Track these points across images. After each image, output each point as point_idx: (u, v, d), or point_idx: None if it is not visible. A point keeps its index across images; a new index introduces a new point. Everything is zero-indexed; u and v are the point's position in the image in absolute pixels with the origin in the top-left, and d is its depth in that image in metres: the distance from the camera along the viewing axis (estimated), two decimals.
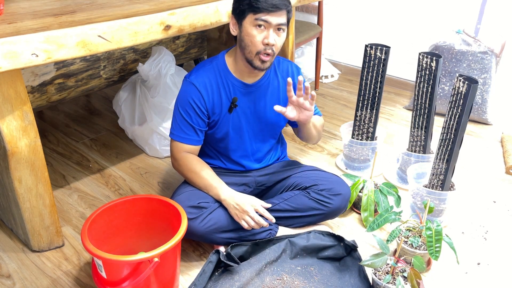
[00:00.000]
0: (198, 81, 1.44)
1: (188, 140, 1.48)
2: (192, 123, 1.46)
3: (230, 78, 1.46)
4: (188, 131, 1.47)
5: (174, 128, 1.49)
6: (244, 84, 1.47)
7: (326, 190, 1.56)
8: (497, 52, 2.39)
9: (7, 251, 1.54)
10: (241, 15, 1.34)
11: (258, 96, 1.51)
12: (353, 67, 3.17)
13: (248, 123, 1.54)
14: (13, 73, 1.24)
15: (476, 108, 2.46)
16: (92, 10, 1.42)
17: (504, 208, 1.81)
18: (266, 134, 1.60)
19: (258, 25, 1.32)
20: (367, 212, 1.64)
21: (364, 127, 1.96)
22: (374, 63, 1.85)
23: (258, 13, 1.31)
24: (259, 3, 1.30)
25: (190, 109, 1.44)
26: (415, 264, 1.29)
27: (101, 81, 2.23)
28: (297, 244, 1.48)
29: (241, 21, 1.35)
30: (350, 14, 3.05)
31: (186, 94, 1.44)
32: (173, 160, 1.52)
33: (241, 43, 1.38)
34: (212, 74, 1.45)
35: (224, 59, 1.47)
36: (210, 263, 1.36)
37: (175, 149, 1.50)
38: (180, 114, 1.46)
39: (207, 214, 1.42)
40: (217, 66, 1.46)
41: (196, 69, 1.47)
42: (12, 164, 1.34)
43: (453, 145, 1.55)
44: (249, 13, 1.32)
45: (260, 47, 1.34)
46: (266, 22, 1.32)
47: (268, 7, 1.30)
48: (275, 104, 1.53)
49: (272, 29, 1.33)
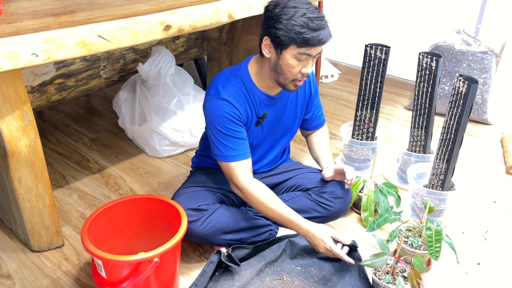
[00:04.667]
0: (229, 96, 1.36)
1: (241, 155, 1.38)
2: (237, 136, 1.37)
3: (256, 91, 1.41)
4: (236, 146, 1.37)
5: (221, 150, 1.37)
6: (269, 97, 1.44)
7: (327, 192, 1.56)
8: (497, 52, 2.39)
9: (7, 251, 1.54)
10: (283, 45, 1.28)
11: (280, 107, 1.49)
12: (353, 67, 3.16)
13: (270, 133, 1.54)
14: (13, 73, 1.24)
15: (476, 108, 2.46)
16: (92, 10, 1.42)
17: (504, 208, 1.81)
18: (282, 141, 1.61)
19: (300, 58, 1.29)
20: (367, 212, 1.64)
21: (364, 127, 1.96)
22: (374, 63, 1.85)
23: (302, 47, 1.26)
24: (308, 41, 1.24)
25: (229, 123, 1.36)
26: (415, 264, 1.28)
27: (101, 81, 2.23)
28: (297, 244, 1.48)
29: (280, 49, 1.29)
30: (350, 14, 3.05)
31: (220, 110, 1.35)
32: (236, 190, 1.41)
33: (276, 68, 1.34)
34: (239, 88, 1.39)
35: (248, 72, 1.41)
36: (211, 263, 1.36)
37: (233, 173, 1.38)
38: (222, 132, 1.36)
39: (207, 216, 1.41)
40: (241, 80, 1.40)
41: (222, 84, 1.38)
42: (12, 164, 1.33)
43: (453, 145, 1.55)
44: (292, 45, 1.27)
45: (297, 75, 1.32)
46: (309, 55, 1.29)
47: (315, 44, 1.26)
48: (294, 112, 1.54)
49: (311, 59, 1.31)
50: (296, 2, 1.27)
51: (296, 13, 1.24)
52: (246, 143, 1.40)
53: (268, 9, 1.31)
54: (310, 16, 1.24)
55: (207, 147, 1.59)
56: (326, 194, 1.55)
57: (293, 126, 1.59)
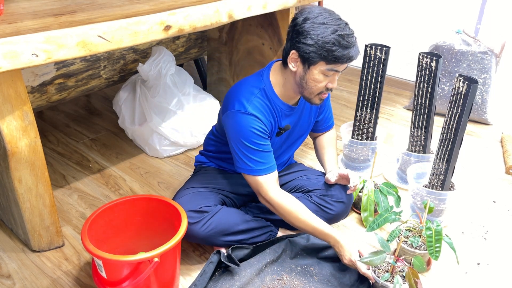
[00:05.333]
0: (256, 110, 1.34)
1: (268, 168, 1.37)
2: (264, 149, 1.37)
3: (278, 103, 1.40)
4: (264, 159, 1.37)
5: (249, 165, 1.36)
6: (289, 107, 1.44)
7: (329, 196, 1.56)
8: (497, 52, 2.39)
9: (7, 251, 1.54)
10: (312, 61, 1.27)
11: (298, 115, 1.50)
12: (353, 67, 3.16)
13: (287, 140, 1.54)
14: (13, 73, 1.24)
15: (476, 108, 2.46)
16: (92, 10, 1.42)
17: (504, 208, 1.81)
18: (296, 144, 1.62)
19: (327, 74, 1.29)
20: (367, 212, 1.64)
21: (364, 127, 1.96)
22: (374, 63, 1.85)
23: (331, 64, 1.26)
24: (339, 59, 1.24)
25: (257, 138, 1.34)
26: (415, 264, 1.29)
27: (101, 81, 2.23)
28: (297, 244, 1.49)
29: (308, 65, 1.28)
30: (350, 14, 3.05)
31: (248, 125, 1.33)
32: (264, 202, 1.41)
33: (301, 82, 1.33)
34: (263, 101, 1.37)
35: (271, 82, 1.39)
36: (211, 263, 1.36)
37: (261, 188, 1.37)
38: (249, 147, 1.34)
39: (208, 218, 1.41)
40: (265, 92, 1.38)
41: (246, 98, 1.35)
42: (12, 164, 1.34)
43: (453, 145, 1.55)
44: (321, 61, 1.26)
45: (322, 89, 1.33)
46: (336, 71, 1.29)
47: (345, 61, 1.26)
48: (309, 117, 1.54)
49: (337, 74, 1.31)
50: (327, 18, 1.25)
51: (327, 30, 1.23)
52: (271, 155, 1.40)
53: (297, 23, 1.28)
54: (342, 33, 1.23)
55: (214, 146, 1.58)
56: (327, 197, 1.55)
57: (307, 129, 1.59)
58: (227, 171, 1.59)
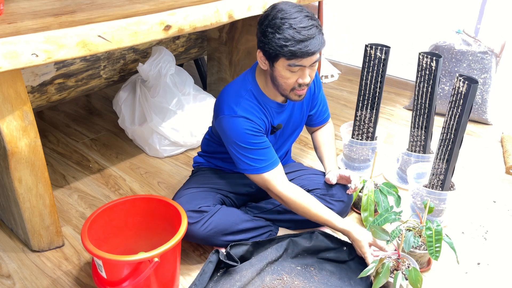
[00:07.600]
0: (245, 112, 1.35)
1: (272, 164, 1.38)
2: (262, 146, 1.37)
3: (267, 101, 1.41)
4: (265, 156, 1.37)
5: (251, 164, 1.36)
6: (278, 104, 1.44)
7: (328, 195, 1.56)
8: (497, 52, 2.39)
9: (7, 251, 1.54)
10: (273, 57, 1.26)
11: (289, 111, 1.50)
12: (353, 67, 3.17)
13: (281, 136, 1.55)
14: (13, 73, 1.24)
15: (476, 108, 2.46)
16: (92, 10, 1.42)
17: (504, 208, 1.81)
18: (291, 139, 1.62)
19: (292, 70, 1.26)
20: (367, 212, 1.64)
21: (364, 127, 1.96)
22: (374, 63, 1.85)
23: (291, 59, 1.23)
24: (295, 53, 1.20)
25: (252, 138, 1.35)
26: (410, 280, 1.25)
27: (101, 81, 2.23)
28: (299, 245, 1.48)
29: (272, 62, 1.27)
30: (350, 14, 3.05)
31: (240, 128, 1.34)
32: (275, 197, 1.42)
33: (273, 80, 1.33)
34: (252, 102, 1.38)
35: (257, 83, 1.40)
36: (210, 263, 1.36)
37: (269, 184, 1.38)
38: (246, 148, 1.35)
39: (208, 218, 1.41)
40: (252, 93, 1.39)
41: (234, 101, 1.36)
42: (12, 164, 1.34)
43: (453, 145, 1.55)
44: (281, 57, 1.24)
45: (294, 85, 1.31)
46: (301, 66, 1.25)
47: (303, 55, 1.21)
48: (301, 111, 1.54)
49: (307, 68, 1.28)
50: (285, 13, 1.23)
51: (282, 25, 1.21)
52: (272, 150, 1.40)
53: (259, 22, 1.29)
54: (297, 27, 1.20)
55: (210, 146, 1.58)
56: (327, 196, 1.55)
57: (301, 123, 1.60)
58: (226, 171, 1.59)
